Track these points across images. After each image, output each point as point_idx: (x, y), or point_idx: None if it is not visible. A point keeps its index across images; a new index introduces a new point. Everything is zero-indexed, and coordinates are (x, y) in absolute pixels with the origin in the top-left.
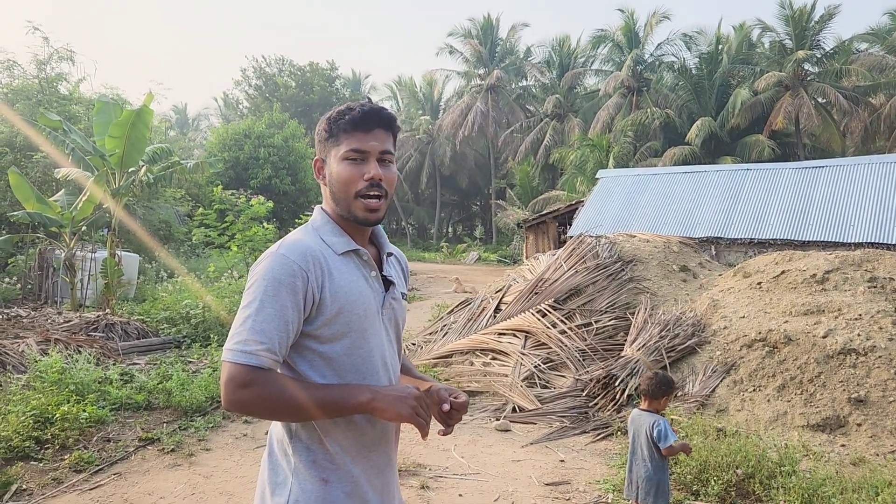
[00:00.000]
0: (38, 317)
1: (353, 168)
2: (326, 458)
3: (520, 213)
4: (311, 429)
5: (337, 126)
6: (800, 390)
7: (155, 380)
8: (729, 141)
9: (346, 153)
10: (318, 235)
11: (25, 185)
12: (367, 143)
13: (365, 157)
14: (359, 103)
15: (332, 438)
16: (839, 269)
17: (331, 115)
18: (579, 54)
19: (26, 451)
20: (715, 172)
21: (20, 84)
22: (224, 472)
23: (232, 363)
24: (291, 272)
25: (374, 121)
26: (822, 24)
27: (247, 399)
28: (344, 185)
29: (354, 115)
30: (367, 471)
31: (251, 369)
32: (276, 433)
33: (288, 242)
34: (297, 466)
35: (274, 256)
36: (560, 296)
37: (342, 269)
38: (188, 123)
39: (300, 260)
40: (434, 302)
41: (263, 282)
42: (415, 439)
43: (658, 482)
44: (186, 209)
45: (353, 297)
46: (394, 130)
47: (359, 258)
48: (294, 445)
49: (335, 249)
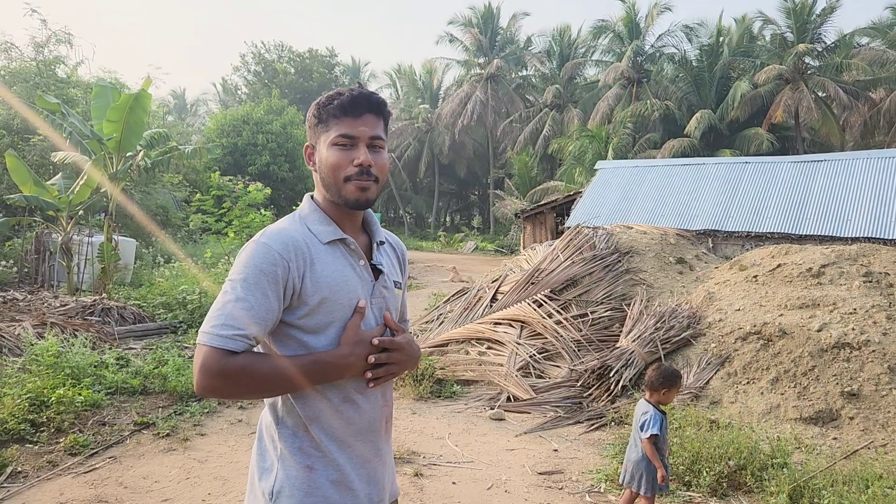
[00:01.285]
0: (34, 300)
1: (343, 154)
2: (312, 445)
3: (518, 203)
4: (296, 416)
5: (326, 111)
6: (793, 383)
7: (151, 364)
8: (728, 134)
9: (335, 139)
10: (304, 224)
11: (22, 168)
12: (357, 129)
13: (354, 143)
14: (348, 88)
15: (319, 426)
16: (835, 263)
17: (320, 100)
18: (580, 45)
19: (22, 433)
20: (713, 165)
21: (17, 66)
22: (219, 456)
23: (207, 346)
24: (272, 260)
25: (363, 105)
26: (823, 17)
27: (219, 385)
28: (333, 171)
29: (343, 99)
30: (353, 459)
31: (225, 353)
32: (265, 419)
33: (270, 231)
34: (283, 453)
35: (256, 245)
36: (556, 286)
37: (326, 259)
38: (186, 108)
39: (281, 249)
40: (431, 291)
41: (244, 269)
42: (409, 427)
43: (645, 469)
44: (184, 195)
45: (338, 287)
46: (384, 115)
47: (346, 247)
48: (280, 432)
49: (320, 238)
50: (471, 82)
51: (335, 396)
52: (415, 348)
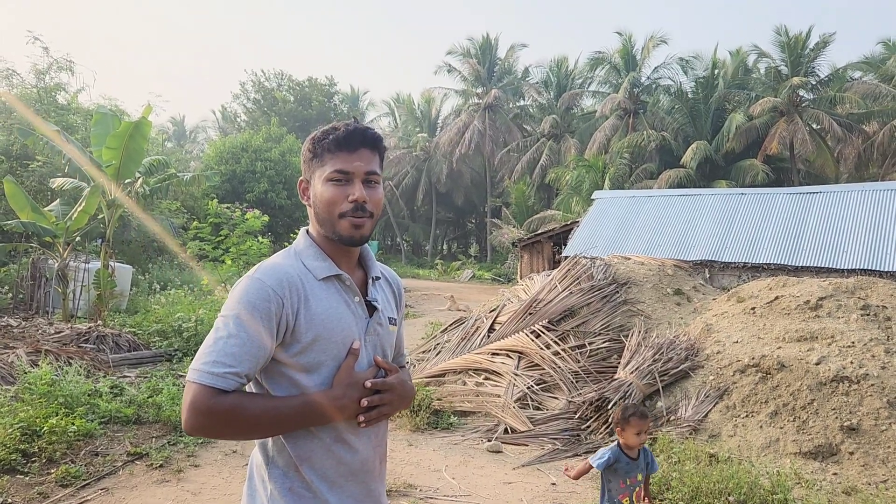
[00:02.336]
0: (28, 327)
1: (338, 189)
2: (303, 486)
3: (515, 231)
4: (287, 456)
5: (321, 146)
6: (792, 417)
7: (145, 393)
8: (724, 165)
9: (330, 174)
10: (300, 259)
11: (20, 194)
12: (352, 164)
13: (350, 178)
14: (343, 123)
15: (309, 466)
16: (832, 296)
17: (315, 135)
18: (577, 75)
19: (12, 464)
20: (710, 196)
21: (19, 93)
22: (212, 489)
23: (196, 384)
24: (266, 297)
25: (358, 140)
26: (817, 51)
27: (207, 424)
28: (328, 207)
29: (339, 134)
30: (344, 501)
31: (215, 392)
32: (255, 459)
33: (265, 266)
34: (272, 493)
35: (250, 280)
36: (554, 317)
37: (320, 295)
38: (186, 135)
39: (275, 284)
40: (428, 319)
41: (238, 305)
42: (405, 459)
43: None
44: (182, 221)
45: (332, 325)
46: (380, 150)
47: (341, 283)
48: (270, 472)
49: (315, 274)
50: (469, 112)
51: (327, 436)
52: (408, 388)
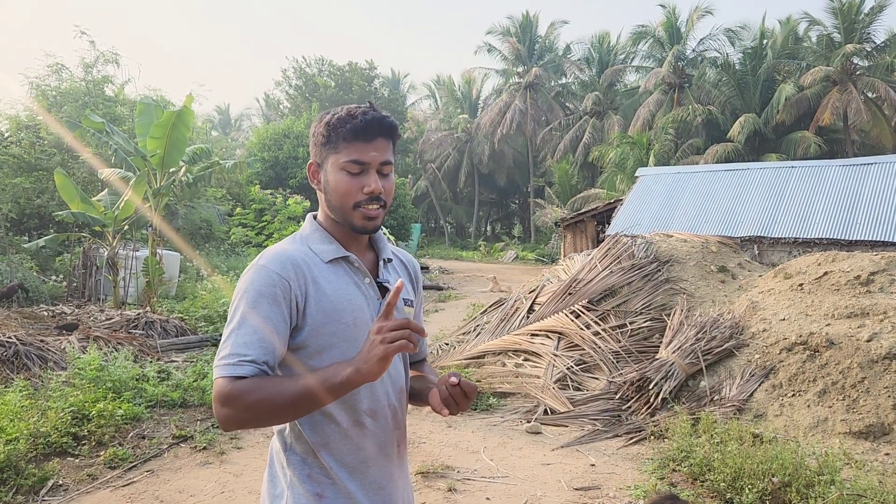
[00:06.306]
0: (81, 314)
1: (353, 180)
2: (322, 472)
3: (558, 211)
4: (305, 442)
5: (337, 133)
6: (842, 396)
7: (191, 377)
8: (774, 138)
9: (345, 164)
10: (306, 244)
11: (70, 185)
12: (368, 154)
13: (366, 169)
14: (360, 110)
15: (328, 452)
16: (885, 270)
17: (329, 119)
18: (619, 51)
19: (63, 446)
20: (758, 170)
21: (68, 87)
22: (254, 470)
23: (217, 378)
24: (271, 282)
25: (375, 129)
26: (872, 16)
27: (231, 413)
28: (342, 197)
29: (356, 123)
30: (365, 487)
31: (232, 380)
32: (274, 446)
33: (269, 253)
34: (292, 480)
35: (255, 268)
36: (594, 296)
37: (329, 277)
38: (231, 123)
39: (279, 269)
40: (470, 301)
41: (245, 295)
42: (444, 441)
43: None
44: (227, 208)
45: (341, 306)
46: (394, 138)
47: (349, 265)
48: (289, 458)
49: (322, 257)
50: (510, 91)
51: (345, 420)
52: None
